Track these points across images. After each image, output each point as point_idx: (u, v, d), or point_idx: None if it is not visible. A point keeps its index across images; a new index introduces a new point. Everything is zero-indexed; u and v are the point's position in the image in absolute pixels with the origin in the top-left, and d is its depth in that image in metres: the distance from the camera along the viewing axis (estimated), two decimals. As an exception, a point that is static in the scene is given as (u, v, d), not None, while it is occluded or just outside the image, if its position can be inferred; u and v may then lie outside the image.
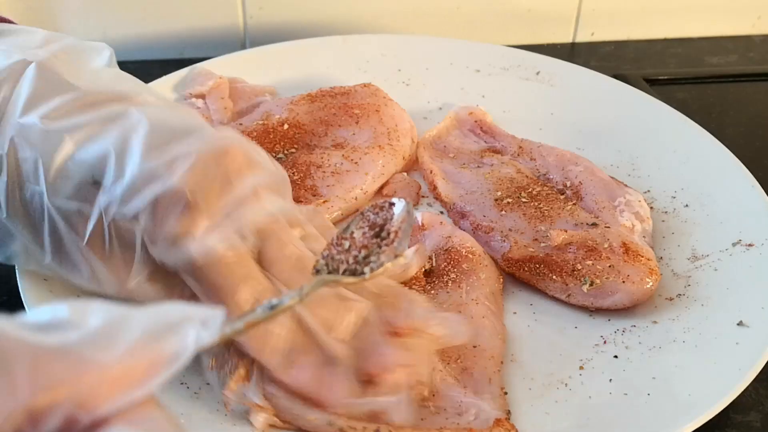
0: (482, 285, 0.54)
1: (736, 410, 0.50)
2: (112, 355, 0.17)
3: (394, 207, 0.45)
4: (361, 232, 0.44)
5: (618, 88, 0.74)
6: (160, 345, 0.18)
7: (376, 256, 0.42)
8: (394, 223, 0.44)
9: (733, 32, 0.94)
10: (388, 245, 0.42)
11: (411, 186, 0.65)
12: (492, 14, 0.89)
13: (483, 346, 0.50)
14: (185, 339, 0.18)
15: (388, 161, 0.65)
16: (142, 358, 0.18)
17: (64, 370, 0.17)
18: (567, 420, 0.48)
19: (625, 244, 0.56)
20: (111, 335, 0.17)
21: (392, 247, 0.42)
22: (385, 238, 0.43)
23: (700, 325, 0.52)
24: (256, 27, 0.86)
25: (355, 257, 0.42)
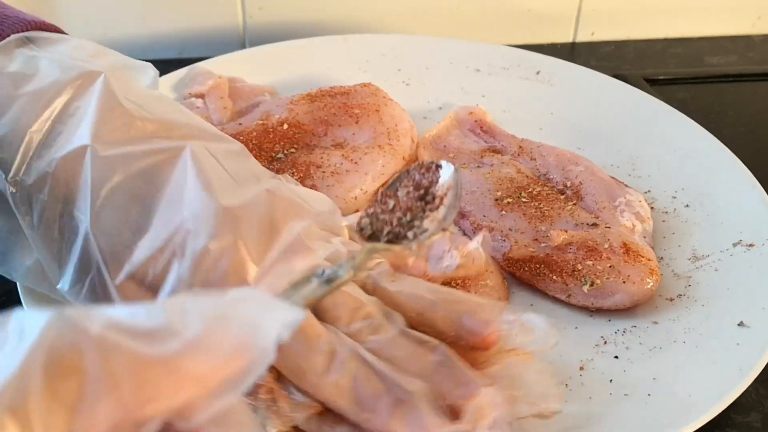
0: (488, 292, 0.54)
1: (736, 411, 0.49)
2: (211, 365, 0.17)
3: (441, 170, 0.43)
4: (405, 191, 0.42)
5: (618, 87, 0.74)
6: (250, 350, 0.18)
7: (419, 220, 0.41)
8: (440, 187, 0.42)
9: (734, 32, 0.94)
10: (432, 210, 0.41)
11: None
12: (492, 14, 0.89)
13: None
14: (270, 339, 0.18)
15: (388, 161, 0.65)
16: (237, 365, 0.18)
17: (166, 382, 0.17)
18: (567, 420, 0.47)
19: (626, 244, 0.55)
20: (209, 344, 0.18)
21: (436, 214, 0.41)
22: (430, 203, 0.42)
23: (700, 325, 0.52)
24: (255, 26, 0.86)
25: (399, 219, 0.41)
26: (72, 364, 0.16)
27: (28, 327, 0.17)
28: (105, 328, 0.17)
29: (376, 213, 0.42)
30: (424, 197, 0.43)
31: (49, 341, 0.17)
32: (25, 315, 0.17)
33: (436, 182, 0.43)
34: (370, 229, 0.41)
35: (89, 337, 0.17)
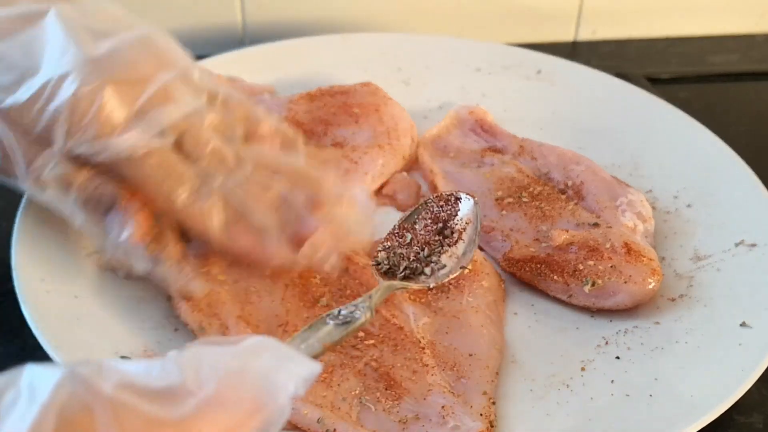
0: (484, 293, 0.54)
1: (738, 411, 0.49)
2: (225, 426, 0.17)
3: (460, 203, 0.43)
4: (423, 224, 0.42)
5: (620, 86, 0.74)
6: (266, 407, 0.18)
7: (437, 255, 0.41)
8: (459, 221, 0.42)
9: (736, 31, 0.93)
10: (450, 245, 0.41)
11: (411, 186, 0.64)
12: (492, 12, 0.89)
13: (479, 355, 0.50)
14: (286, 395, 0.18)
15: (387, 161, 0.64)
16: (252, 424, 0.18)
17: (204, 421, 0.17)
18: (568, 421, 0.47)
19: (627, 244, 0.55)
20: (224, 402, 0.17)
21: (455, 249, 0.41)
22: (448, 237, 0.42)
23: (702, 325, 0.52)
24: (254, 25, 0.85)
25: (417, 254, 0.41)
26: (83, 427, 0.16)
27: (40, 385, 0.16)
28: (118, 387, 0.17)
29: (393, 247, 0.41)
30: (442, 231, 0.42)
31: (60, 402, 0.16)
32: (36, 371, 0.17)
33: (455, 216, 0.43)
34: (386, 264, 0.41)
35: (102, 397, 0.17)
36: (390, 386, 0.47)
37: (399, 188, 0.64)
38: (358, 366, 0.48)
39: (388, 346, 0.49)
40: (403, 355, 0.49)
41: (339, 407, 0.45)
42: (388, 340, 0.50)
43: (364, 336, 0.49)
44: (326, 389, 0.46)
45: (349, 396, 0.46)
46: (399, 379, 0.47)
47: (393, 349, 0.49)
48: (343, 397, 0.46)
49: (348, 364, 0.48)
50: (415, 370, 0.48)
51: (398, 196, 0.63)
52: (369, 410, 0.46)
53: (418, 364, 0.48)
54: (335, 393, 0.46)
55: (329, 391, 0.46)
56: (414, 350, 0.49)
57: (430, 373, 0.48)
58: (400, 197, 0.63)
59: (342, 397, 0.46)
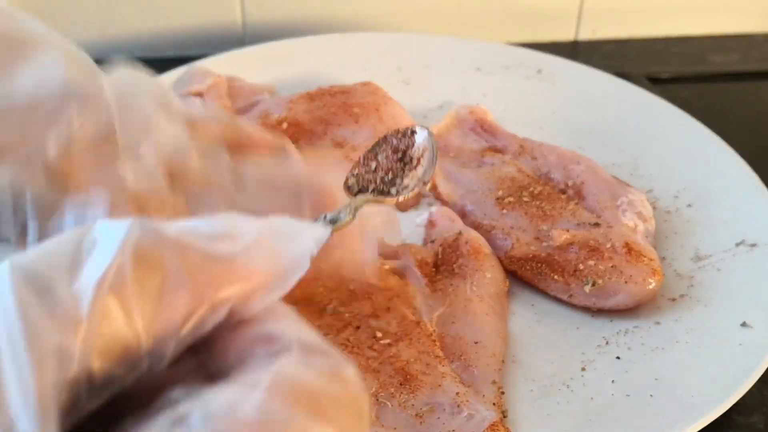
0: (488, 284, 0.54)
1: (739, 412, 0.49)
2: (265, 265, 0.21)
3: (416, 135, 0.48)
4: (384, 155, 0.47)
5: (620, 86, 0.74)
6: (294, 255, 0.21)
7: (400, 179, 0.46)
8: (416, 149, 0.47)
9: (736, 30, 0.93)
10: (411, 170, 0.46)
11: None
12: (493, 12, 0.89)
13: (485, 342, 0.50)
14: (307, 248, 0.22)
15: None
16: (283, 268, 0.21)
17: (231, 275, 0.20)
18: (569, 421, 0.47)
19: (628, 244, 0.55)
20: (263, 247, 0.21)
21: (415, 172, 0.46)
22: (408, 163, 0.46)
23: (703, 325, 0.52)
24: (254, 25, 0.85)
25: (382, 178, 0.45)
26: (154, 260, 0.19)
27: (112, 231, 0.19)
28: (178, 232, 0.20)
29: (360, 174, 0.46)
30: (402, 159, 0.47)
31: (133, 241, 0.19)
32: (106, 223, 0.20)
33: (412, 146, 0.48)
34: (356, 187, 0.45)
35: (167, 238, 0.20)
36: (405, 381, 0.47)
37: (399, 188, 0.64)
38: (374, 365, 0.48)
39: (404, 342, 0.50)
40: (417, 349, 0.49)
41: None
42: (405, 337, 0.50)
43: (381, 336, 0.50)
44: None
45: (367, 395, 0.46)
46: (414, 373, 0.48)
47: (408, 344, 0.49)
48: None
49: (364, 364, 0.48)
50: (428, 362, 0.48)
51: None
52: (386, 407, 0.46)
53: (430, 357, 0.49)
54: None
55: None
56: (427, 343, 0.50)
57: (441, 364, 0.48)
58: (401, 197, 0.63)
59: None
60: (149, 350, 0.19)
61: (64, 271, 0.18)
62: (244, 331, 0.20)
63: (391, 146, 0.48)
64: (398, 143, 0.48)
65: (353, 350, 0.49)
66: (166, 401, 0.19)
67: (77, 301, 0.18)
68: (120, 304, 0.18)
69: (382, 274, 0.54)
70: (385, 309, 0.52)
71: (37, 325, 0.18)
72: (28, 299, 0.18)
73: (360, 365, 0.48)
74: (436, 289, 0.54)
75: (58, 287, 0.18)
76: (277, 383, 0.18)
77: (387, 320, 0.51)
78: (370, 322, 0.51)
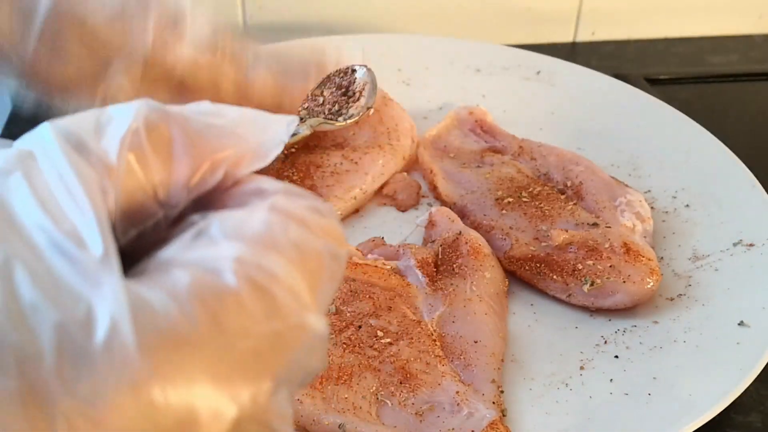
0: (487, 284, 0.54)
1: (737, 410, 0.49)
2: (251, 133, 0.24)
3: (356, 72, 0.54)
4: (330, 91, 0.52)
5: (619, 87, 0.74)
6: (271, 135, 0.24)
7: (345, 109, 0.52)
8: (358, 84, 0.53)
9: (735, 31, 0.94)
10: (354, 102, 0.52)
11: (411, 186, 0.65)
12: (492, 14, 0.89)
13: (484, 342, 0.51)
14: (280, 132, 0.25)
15: (388, 161, 0.65)
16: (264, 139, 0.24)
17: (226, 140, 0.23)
18: (568, 420, 0.47)
19: (626, 244, 0.55)
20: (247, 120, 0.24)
21: (359, 103, 0.52)
22: (351, 96, 0.52)
23: (701, 325, 0.52)
24: (255, 26, 0.86)
25: (330, 110, 0.51)
26: (163, 128, 0.22)
27: (126, 108, 0.22)
28: (178, 108, 0.23)
29: (310, 107, 0.50)
30: (345, 93, 0.52)
31: (145, 113, 0.22)
32: (118, 105, 0.23)
33: (354, 81, 0.53)
34: (308, 117, 0.50)
35: (171, 111, 0.23)
36: (405, 379, 0.48)
37: (399, 188, 0.64)
38: (374, 364, 0.48)
39: (404, 341, 0.50)
40: (417, 348, 0.50)
41: (360, 406, 0.46)
42: (405, 336, 0.50)
43: (382, 335, 0.50)
44: (347, 390, 0.47)
45: (368, 394, 0.47)
46: (414, 372, 0.48)
47: (408, 343, 0.50)
48: (362, 396, 0.47)
49: (365, 363, 0.48)
50: (428, 361, 0.49)
51: (398, 196, 0.64)
52: (386, 406, 0.47)
53: (430, 356, 0.49)
54: (355, 393, 0.47)
55: (350, 392, 0.47)
56: (427, 342, 0.50)
57: (441, 363, 0.49)
58: (401, 197, 0.64)
59: (362, 396, 0.47)
60: (164, 200, 0.23)
61: (92, 132, 0.22)
62: (238, 188, 0.24)
63: (335, 84, 0.53)
64: (341, 81, 0.53)
65: (354, 349, 0.49)
66: (185, 226, 0.22)
67: (106, 153, 0.21)
68: (138, 161, 0.22)
69: (384, 275, 0.54)
70: (386, 308, 0.52)
71: (81, 167, 0.21)
72: (69, 149, 0.21)
73: (361, 364, 0.48)
74: (437, 288, 0.54)
75: (90, 143, 0.21)
76: (273, 208, 0.22)
77: (388, 319, 0.51)
78: (371, 322, 0.51)
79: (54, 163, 0.21)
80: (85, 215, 0.20)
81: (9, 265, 0.19)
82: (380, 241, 0.59)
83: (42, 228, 0.20)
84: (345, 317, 0.51)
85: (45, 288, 0.19)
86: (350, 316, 0.51)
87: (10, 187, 0.20)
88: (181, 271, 0.20)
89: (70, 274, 0.19)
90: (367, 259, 0.56)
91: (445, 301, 0.53)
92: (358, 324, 0.51)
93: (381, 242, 0.59)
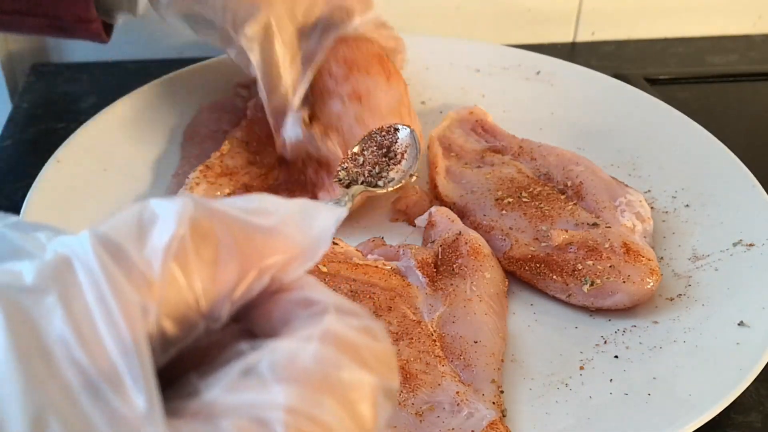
0: (487, 284, 0.54)
1: (736, 410, 0.49)
2: (298, 236, 0.23)
3: (398, 132, 0.52)
4: (371, 151, 0.51)
5: (618, 87, 0.74)
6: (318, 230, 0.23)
7: (386, 172, 0.50)
8: (400, 145, 0.52)
9: (734, 32, 0.94)
10: (396, 164, 0.50)
11: (423, 201, 0.64)
12: (492, 14, 0.89)
13: (484, 342, 0.51)
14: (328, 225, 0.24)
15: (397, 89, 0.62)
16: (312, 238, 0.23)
17: (272, 245, 0.22)
18: (567, 420, 0.47)
19: (626, 244, 0.55)
20: (295, 220, 0.23)
21: (400, 166, 0.51)
22: (393, 158, 0.51)
23: (700, 325, 0.52)
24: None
25: (370, 171, 0.50)
26: (208, 232, 0.21)
27: (171, 205, 0.21)
28: (224, 206, 0.22)
29: (349, 168, 0.50)
30: (387, 154, 0.51)
31: (190, 214, 0.21)
32: (162, 200, 0.22)
33: (396, 141, 0.52)
34: (347, 180, 0.49)
35: (217, 211, 0.22)
36: (405, 379, 0.48)
37: (411, 203, 0.63)
38: None
39: (404, 341, 0.50)
40: (417, 348, 0.50)
41: None
42: (405, 336, 0.50)
43: None
44: None
45: None
46: (414, 372, 0.48)
47: (409, 343, 0.50)
48: None
49: None
50: (428, 362, 0.49)
51: (411, 211, 0.63)
52: None
53: (430, 356, 0.49)
54: None
55: None
56: (427, 342, 0.50)
57: (441, 363, 0.49)
58: (413, 212, 0.63)
59: None
60: (207, 312, 0.21)
61: (134, 239, 0.20)
62: (285, 296, 0.23)
63: (376, 143, 0.51)
64: (382, 140, 0.52)
65: None
66: (231, 354, 0.21)
67: (149, 265, 0.20)
68: (182, 270, 0.21)
69: (384, 275, 0.54)
70: (386, 308, 0.52)
71: (121, 283, 0.20)
72: (108, 262, 0.20)
73: None
74: (437, 288, 0.54)
75: (132, 252, 0.20)
76: (326, 335, 0.21)
77: (388, 320, 0.51)
78: (371, 322, 0.51)
79: (94, 281, 0.20)
80: (127, 352, 0.19)
81: (43, 421, 0.18)
82: (380, 242, 0.59)
83: (79, 367, 0.19)
84: None
85: None
86: None
87: (45, 311, 0.19)
88: (229, 423, 0.19)
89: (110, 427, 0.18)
90: (367, 260, 0.56)
91: (445, 301, 0.53)
92: None
93: (381, 242, 0.59)
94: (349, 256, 0.56)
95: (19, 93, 0.80)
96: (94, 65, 0.83)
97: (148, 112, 0.69)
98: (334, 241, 0.56)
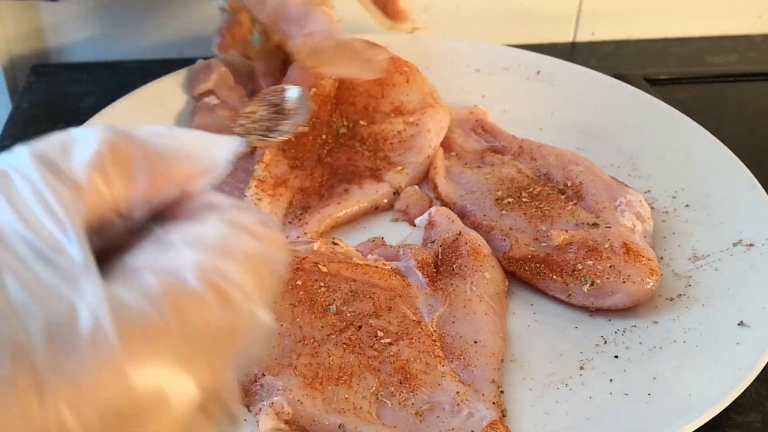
0: (487, 284, 0.54)
1: (736, 411, 0.49)
2: (201, 153, 0.27)
3: (287, 92, 0.57)
4: (263, 109, 0.55)
5: (618, 87, 0.74)
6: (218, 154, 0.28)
7: (277, 126, 0.54)
8: (288, 104, 0.56)
9: (734, 32, 0.94)
10: (286, 120, 0.55)
11: (423, 200, 0.64)
12: (492, 14, 0.89)
13: (484, 342, 0.51)
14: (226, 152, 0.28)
15: (441, 116, 0.69)
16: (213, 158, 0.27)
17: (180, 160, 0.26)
18: (567, 420, 0.47)
19: (626, 244, 0.55)
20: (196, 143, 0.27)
21: (290, 121, 0.55)
22: (283, 114, 0.55)
23: (700, 325, 0.52)
24: (256, 26, 0.85)
25: (262, 126, 0.54)
26: (124, 150, 0.25)
27: (89, 132, 0.25)
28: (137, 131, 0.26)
29: (245, 124, 0.53)
30: (277, 112, 0.55)
31: (107, 136, 0.25)
32: (81, 129, 0.25)
33: (285, 100, 0.56)
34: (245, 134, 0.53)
35: (130, 134, 0.26)
36: (405, 379, 0.48)
37: (411, 203, 0.64)
38: (374, 364, 0.49)
39: (404, 341, 0.50)
40: (417, 348, 0.50)
41: (360, 406, 0.46)
42: (405, 336, 0.50)
43: (383, 335, 0.50)
44: (347, 391, 0.47)
45: (368, 394, 0.47)
46: (414, 372, 0.48)
47: (409, 343, 0.50)
48: (362, 396, 0.47)
49: (365, 364, 0.49)
50: (428, 362, 0.49)
51: (411, 211, 0.63)
52: (386, 405, 0.47)
53: (430, 356, 0.49)
54: (355, 393, 0.47)
55: (350, 392, 0.47)
56: (427, 342, 0.50)
57: (441, 363, 0.49)
58: (413, 212, 0.63)
59: (362, 396, 0.47)
60: (124, 213, 0.25)
61: (61, 155, 0.24)
62: (191, 202, 0.27)
63: (268, 102, 0.56)
64: (273, 99, 0.57)
65: (354, 349, 0.49)
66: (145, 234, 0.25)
67: (75, 174, 0.24)
68: (102, 179, 0.24)
69: (384, 275, 0.54)
70: (386, 309, 0.52)
71: (55, 183, 0.23)
72: (43, 169, 0.24)
73: (361, 364, 0.49)
74: (437, 289, 0.54)
75: (61, 164, 0.24)
76: (227, 220, 0.25)
77: (388, 320, 0.51)
78: (371, 322, 0.51)
79: (30, 182, 0.23)
80: (63, 226, 0.23)
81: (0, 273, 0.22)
82: (380, 242, 0.59)
83: (25, 240, 0.22)
84: (345, 317, 0.51)
85: (33, 291, 0.22)
86: (350, 316, 0.51)
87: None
88: (151, 275, 0.23)
89: (54, 278, 0.22)
90: (367, 260, 0.56)
91: (445, 301, 0.53)
92: (358, 324, 0.51)
93: (381, 242, 0.59)
94: (349, 256, 0.56)
95: (19, 93, 0.80)
96: (94, 65, 0.83)
97: (148, 112, 0.69)
98: (335, 241, 0.56)
